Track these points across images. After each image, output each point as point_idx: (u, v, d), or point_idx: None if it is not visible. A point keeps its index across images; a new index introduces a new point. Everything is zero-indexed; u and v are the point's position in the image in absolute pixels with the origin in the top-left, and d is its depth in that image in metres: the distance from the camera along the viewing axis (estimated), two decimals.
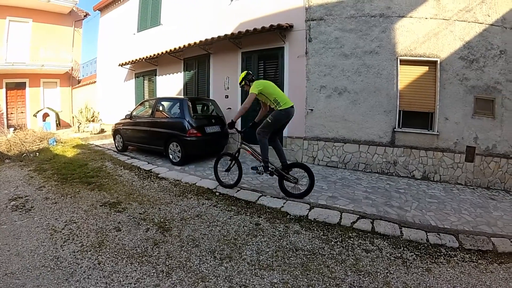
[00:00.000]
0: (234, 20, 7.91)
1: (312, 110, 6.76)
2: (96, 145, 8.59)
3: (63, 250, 2.85)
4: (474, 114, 5.87)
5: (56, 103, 14.48)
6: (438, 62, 5.95)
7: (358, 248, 3.05)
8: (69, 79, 15.00)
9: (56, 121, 12.90)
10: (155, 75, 10.18)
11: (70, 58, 14.34)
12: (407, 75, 6.18)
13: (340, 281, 2.46)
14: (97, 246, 2.94)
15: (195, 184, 4.88)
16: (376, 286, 2.45)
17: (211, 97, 8.31)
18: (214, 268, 2.60)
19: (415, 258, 2.96)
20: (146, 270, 2.54)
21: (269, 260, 2.70)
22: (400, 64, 6.16)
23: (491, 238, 3.44)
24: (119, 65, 10.71)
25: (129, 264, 2.62)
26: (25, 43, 13.13)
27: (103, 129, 11.66)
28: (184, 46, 8.16)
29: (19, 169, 5.92)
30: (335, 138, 6.63)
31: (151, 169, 5.81)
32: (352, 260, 2.80)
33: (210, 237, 3.10)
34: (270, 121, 4.19)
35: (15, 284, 2.32)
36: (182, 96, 8.12)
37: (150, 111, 7.02)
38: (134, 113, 7.43)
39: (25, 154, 6.83)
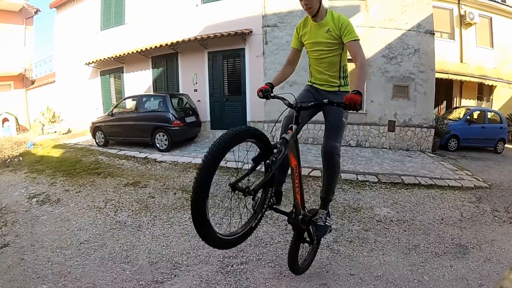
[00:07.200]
0: (200, 22, 8.87)
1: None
2: (75, 144, 8.53)
3: (118, 217, 3.47)
4: (393, 97, 7.82)
5: (12, 106, 13.72)
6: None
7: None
8: (23, 80, 14.33)
9: (15, 125, 12.37)
10: (122, 72, 10.56)
11: (23, 58, 13.73)
12: None
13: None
14: (145, 209, 3.68)
15: (191, 162, 5.73)
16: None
17: (180, 91, 9.17)
18: None
19: (350, 187, 4.56)
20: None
21: None
22: None
23: (401, 176, 5.15)
24: (86, 64, 10.76)
25: (177, 213, 3.58)
26: None
27: (69, 129, 11.60)
28: (156, 46, 8.75)
29: (13, 174, 5.53)
30: None
31: (146, 156, 6.29)
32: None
33: None
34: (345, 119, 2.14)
35: (98, 245, 2.88)
36: (164, 93, 8.31)
37: (134, 107, 7.74)
38: (114, 111, 8.02)
39: (8, 160, 6.80)
